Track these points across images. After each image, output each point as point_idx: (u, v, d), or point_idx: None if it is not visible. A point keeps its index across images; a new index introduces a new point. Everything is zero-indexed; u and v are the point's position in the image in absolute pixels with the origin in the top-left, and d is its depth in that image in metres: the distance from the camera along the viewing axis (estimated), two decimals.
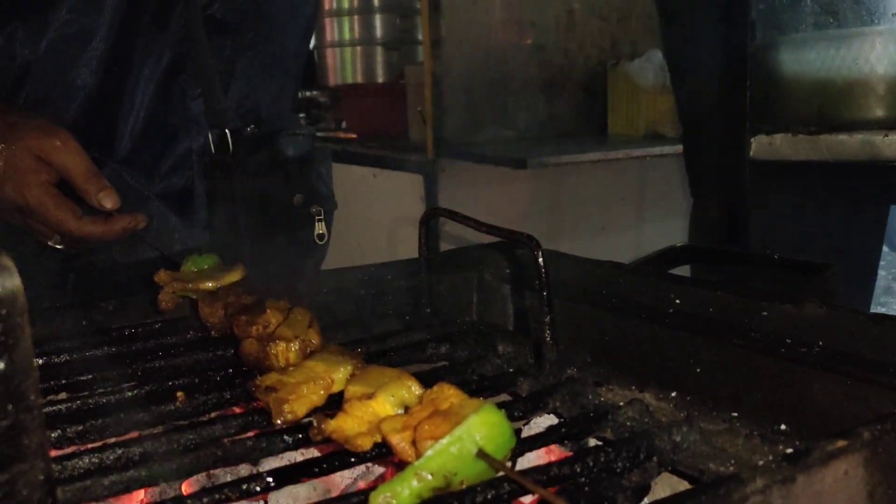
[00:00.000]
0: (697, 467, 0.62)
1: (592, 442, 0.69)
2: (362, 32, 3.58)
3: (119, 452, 0.62)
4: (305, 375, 0.70)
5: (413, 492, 0.52)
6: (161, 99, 1.28)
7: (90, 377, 0.80)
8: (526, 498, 0.56)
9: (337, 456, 0.61)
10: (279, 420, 0.66)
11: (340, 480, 0.70)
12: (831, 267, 1.09)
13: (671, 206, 2.91)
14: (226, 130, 1.32)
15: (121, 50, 1.23)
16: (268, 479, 0.58)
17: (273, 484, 0.58)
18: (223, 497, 0.55)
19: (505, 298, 1.12)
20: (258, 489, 0.57)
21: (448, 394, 0.60)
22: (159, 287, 0.94)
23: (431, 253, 0.94)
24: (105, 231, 1.08)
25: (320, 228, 1.43)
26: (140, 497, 0.68)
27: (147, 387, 0.76)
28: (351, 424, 0.62)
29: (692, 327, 0.86)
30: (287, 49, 1.45)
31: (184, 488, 0.66)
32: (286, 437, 0.65)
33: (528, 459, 0.66)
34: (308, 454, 0.67)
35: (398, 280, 1.07)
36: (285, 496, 0.64)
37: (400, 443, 0.58)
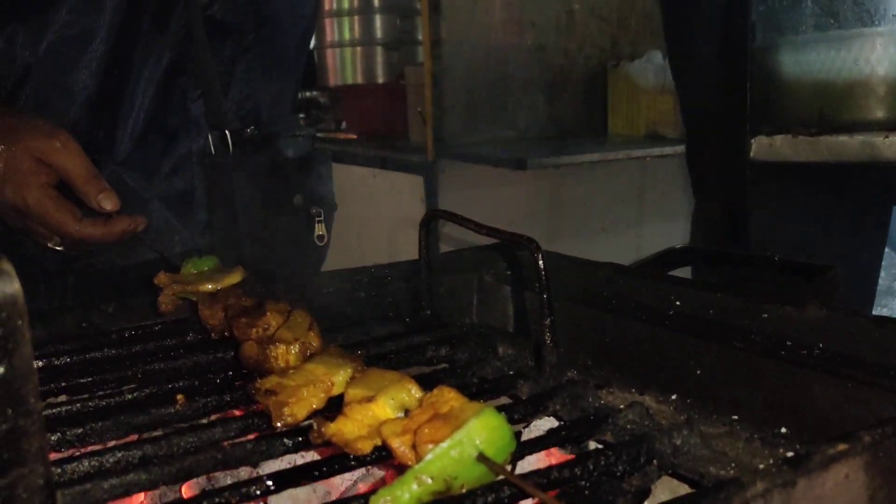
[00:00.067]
0: (698, 471, 0.62)
1: (593, 445, 0.69)
2: (362, 33, 3.57)
3: (119, 455, 0.62)
4: (305, 378, 0.70)
5: (413, 495, 0.52)
6: (161, 100, 1.28)
7: (90, 380, 0.79)
8: (526, 501, 0.56)
9: (337, 459, 0.61)
10: (279, 423, 0.66)
11: (340, 483, 0.70)
12: (832, 269, 1.09)
13: (671, 208, 2.91)
14: (226, 132, 1.32)
15: (121, 51, 1.23)
16: (268, 482, 0.57)
17: (273, 487, 0.58)
18: (223, 500, 0.55)
19: (505, 300, 1.12)
20: (258, 492, 0.57)
21: (448, 397, 0.60)
22: (159, 289, 0.94)
23: (431, 254, 0.94)
24: (105, 233, 1.08)
25: (320, 229, 1.43)
26: (140, 500, 0.68)
27: (147, 389, 0.76)
28: (351, 427, 0.61)
29: (692, 329, 0.86)
30: (287, 50, 1.45)
31: (184, 491, 0.67)
32: (286, 440, 0.65)
33: (529, 463, 0.66)
34: (308, 457, 0.67)
35: (398, 282, 1.07)
36: (285, 499, 0.64)
37: (400, 446, 0.58)
